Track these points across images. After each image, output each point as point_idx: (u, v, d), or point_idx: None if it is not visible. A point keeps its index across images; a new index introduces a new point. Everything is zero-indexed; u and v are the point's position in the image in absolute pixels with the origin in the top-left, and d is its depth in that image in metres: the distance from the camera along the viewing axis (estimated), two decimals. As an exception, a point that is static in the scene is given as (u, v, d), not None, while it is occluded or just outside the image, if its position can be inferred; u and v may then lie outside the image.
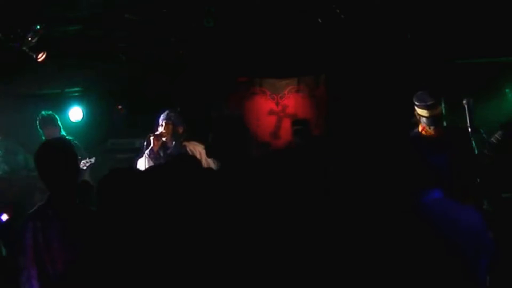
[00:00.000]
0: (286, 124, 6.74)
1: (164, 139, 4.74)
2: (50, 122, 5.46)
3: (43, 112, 5.50)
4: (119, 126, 6.91)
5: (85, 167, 5.10)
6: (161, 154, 4.71)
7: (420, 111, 4.12)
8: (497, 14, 4.91)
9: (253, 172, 2.73)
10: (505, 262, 2.42)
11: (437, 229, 2.17)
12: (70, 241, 2.42)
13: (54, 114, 5.56)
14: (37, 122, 5.45)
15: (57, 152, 2.61)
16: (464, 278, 2.15)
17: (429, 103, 4.07)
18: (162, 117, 4.83)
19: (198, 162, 2.22)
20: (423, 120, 4.11)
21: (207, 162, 4.65)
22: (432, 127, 4.10)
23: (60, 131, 5.50)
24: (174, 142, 4.77)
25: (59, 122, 5.53)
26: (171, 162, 2.11)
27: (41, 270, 2.44)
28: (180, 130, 4.81)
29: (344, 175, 2.09)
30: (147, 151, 4.71)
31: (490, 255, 2.22)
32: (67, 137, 5.40)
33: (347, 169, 2.12)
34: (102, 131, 6.80)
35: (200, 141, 4.86)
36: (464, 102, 4.21)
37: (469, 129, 4.17)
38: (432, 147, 2.30)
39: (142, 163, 4.75)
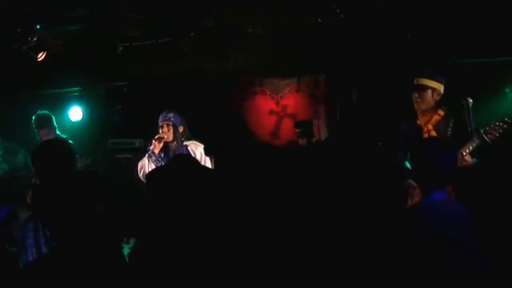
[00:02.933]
0: (286, 124, 6.74)
1: (165, 139, 4.74)
2: (45, 122, 5.41)
3: (39, 112, 5.46)
4: (119, 126, 6.91)
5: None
6: (162, 155, 4.71)
7: (414, 83, 4.27)
8: (497, 14, 4.91)
9: (253, 172, 2.73)
10: (505, 262, 2.42)
11: (438, 230, 2.16)
12: None
13: (50, 113, 5.50)
14: (33, 121, 5.44)
15: (56, 152, 2.62)
16: (464, 279, 2.15)
17: (422, 72, 4.21)
18: (161, 117, 4.82)
19: (198, 161, 2.22)
20: (413, 95, 4.26)
21: (207, 162, 4.66)
22: (418, 104, 4.23)
23: (55, 131, 5.46)
24: (175, 143, 4.77)
25: (54, 122, 5.49)
26: (172, 162, 2.11)
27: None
28: (180, 130, 4.80)
29: (345, 175, 2.09)
30: (147, 154, 4.71)
31: (492, 256, 2.22)
32: (61, 135, 5.40)
33: (347, 169, 2.12)
34: (102, 131, 6.80)
35: (200, 140, 4.87)
36: (464, 102, 4.23)
37: (469, 129, 4.18)
38: (441, 147, 2.30)
39: (143, 166, 4.74)
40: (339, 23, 5.04)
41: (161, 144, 4.69)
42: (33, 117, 5.43)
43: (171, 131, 4.74)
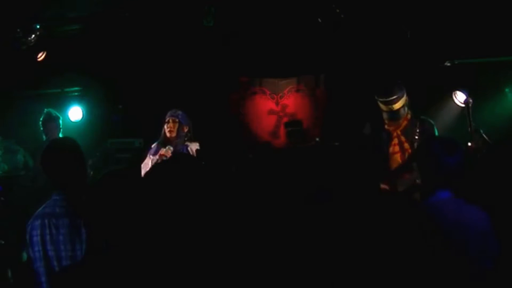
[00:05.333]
0: (286, 123, 6.74)
1: (168, 136, 4.77)
2: (55, 120, 5.54)
3: (50, 110, 5.60)
4: (119, 126, 6.90)
5: None
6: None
7: (380, 105, 4.19)
8: (496, 14, 4.91)
9: (252, 172, 2.73)
10: (505, 262, 2.42)
11: (443, 229, 2.16)
12: (77, 238, 2.46)
13: (59, 114, 5.65)
14: (42, 117, 5.53)
15: (68, 152, 2.63)
16: (468, 279, 2.15)
17: (386, 99, 4.13)
18: (169, 113, 4.85)
19: (197, 161, 2.22)
20: (383, 114, 4.19)
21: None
22: (390, 122, 4.17)
23: (60, 131, 5.56)
24: (177, 141, 4.79)
25: (61, 123, 5.60)
26: (171, 160, 2.11)
27: (48, 266, 2.48)
28: (185, 129, 4.84)
29: (347, 175, 2.09)
30: (151, 153, 4.72)
31: (496, 256, 2.22)
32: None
33: (349, 168, 2.12)
34: (102, 131, 6.79)
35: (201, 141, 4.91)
36: (464, 102, 4.23)
37: (469, 129, 4.19)
38: (446, 147, 2.31)
39: (146, 164, 4.75)
40: (339, 23, 5.04)
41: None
42: (44, 113, 5.57)
43: (176, 127, 4.78)
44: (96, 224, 1.87)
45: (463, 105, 4.52)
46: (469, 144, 3.82)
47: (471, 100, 4.18)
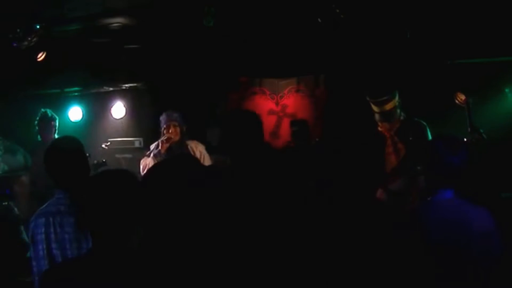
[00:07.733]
0: (286, 124, 6.73)
1: (172, 140, 4.77)
2: (51, 121, 5.54)
3: (47, 110, 5.58)
4: (118, 126, 6.90)
5: None
6: (165, 156, 4.73)
7: (372, 107, 4.18)
8: (497, 14, 4.91)
9: (253, 171, 2.73)
10: (505, 262, 2.42)
11: (445, 229, 2.16)
12: (83, 237, 2.46)
13: (55, 115, 5.65)
14: (38, 117, 5.52)
15: (74, 151, 2.62)
16: (470, 278, 2.15)
17: (378, 99, 4.11)
18: (166, 118, 4.83)
19: (198, 160, 2.22)
20: (375, 115, 4.18)
21: (207, 162, 4.69)
22: (383, 123, 4.16)
23: (55, 132, 5.55)
24: (178, 142, 4.80)
25: (57, 124, 5.60)
26: (172, 159, 2.11)
27: (52, 263, 2.47)
28: (184, 129, 4.86)
29: (347, 175, 2.09)
30: (154, 152, 4.73)
31: (498, 256, 2.21)
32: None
33: (350, 168, 2.12)
34: (101, 131, 6.79)
35: (200, 141, 4.91)
36: (464, 101, 4.23)
37: (469, 129, 4.19)
38: (450, 146, 2.30)
39: (147, 165, 4.75)
40: (339, 23, 5.04)
41: (168, 144, 4.72)
42: (40, 113, 5.56)
43: (178, 131, 4.79)
44: (92, 222, 1.87)
45: (463, 105, 4.52)
46: (465, 139, 3.81)
47: (471, 100, 4.19)
